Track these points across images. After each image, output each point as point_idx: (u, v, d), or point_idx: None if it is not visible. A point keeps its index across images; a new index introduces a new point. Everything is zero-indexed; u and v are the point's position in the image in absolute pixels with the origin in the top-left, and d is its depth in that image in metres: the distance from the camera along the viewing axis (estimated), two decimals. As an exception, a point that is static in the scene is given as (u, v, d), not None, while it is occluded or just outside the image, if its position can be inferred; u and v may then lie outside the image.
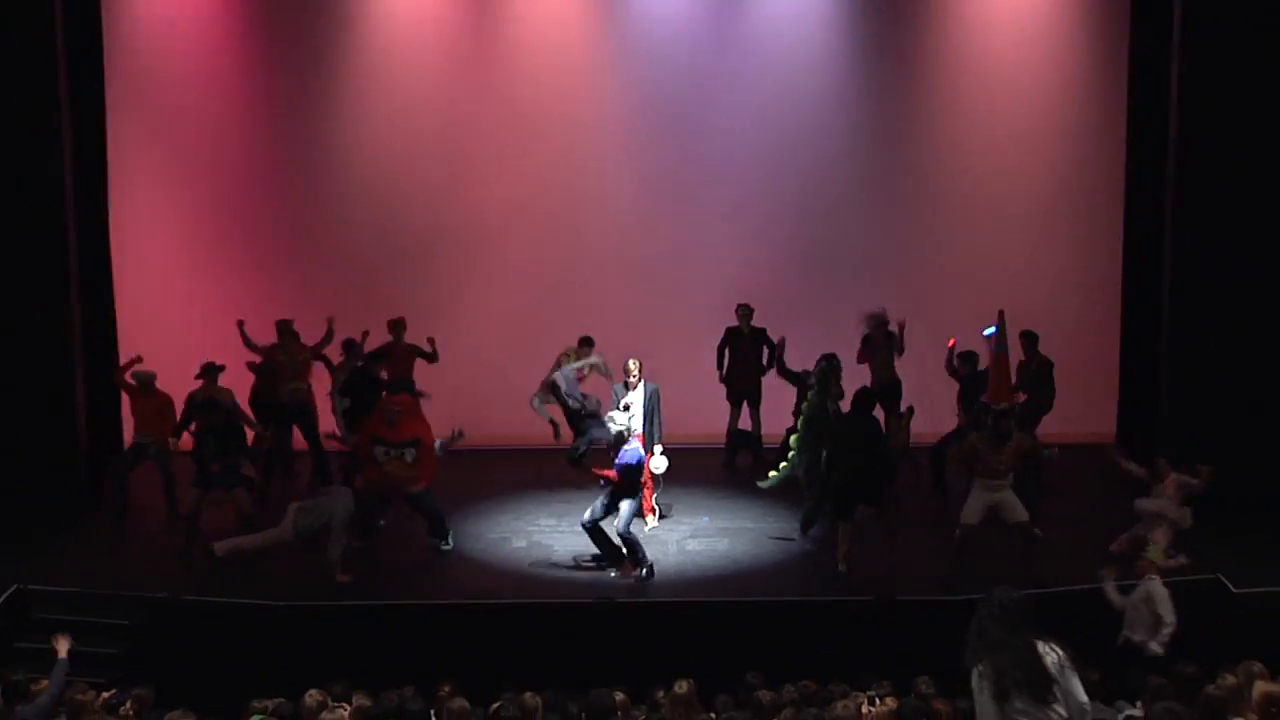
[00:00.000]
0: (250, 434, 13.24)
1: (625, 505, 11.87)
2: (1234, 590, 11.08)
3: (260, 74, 15.59)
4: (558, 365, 12.93)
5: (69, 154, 13.54)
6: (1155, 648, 9.99)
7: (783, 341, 13.46)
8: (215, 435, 12.40)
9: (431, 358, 14.37)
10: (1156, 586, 10.18)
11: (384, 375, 13.90)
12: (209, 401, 12.86)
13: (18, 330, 13.16)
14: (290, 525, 11.89)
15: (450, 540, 12.46)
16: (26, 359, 13.19)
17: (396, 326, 14.40)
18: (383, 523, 12.76)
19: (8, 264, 13.11)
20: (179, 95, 15.47)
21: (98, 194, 14.54)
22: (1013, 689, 6.28)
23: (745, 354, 14.61)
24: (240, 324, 14.10)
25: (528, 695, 8.36)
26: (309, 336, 14.25)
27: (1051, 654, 6.49)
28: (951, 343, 13.57)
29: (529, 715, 7.51)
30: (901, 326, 14.11)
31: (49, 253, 13.39)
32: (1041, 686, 6.37)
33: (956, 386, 13.69)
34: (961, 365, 13.51)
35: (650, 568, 11.93)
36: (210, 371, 13.38)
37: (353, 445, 12.41)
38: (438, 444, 12.36)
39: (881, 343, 14.21)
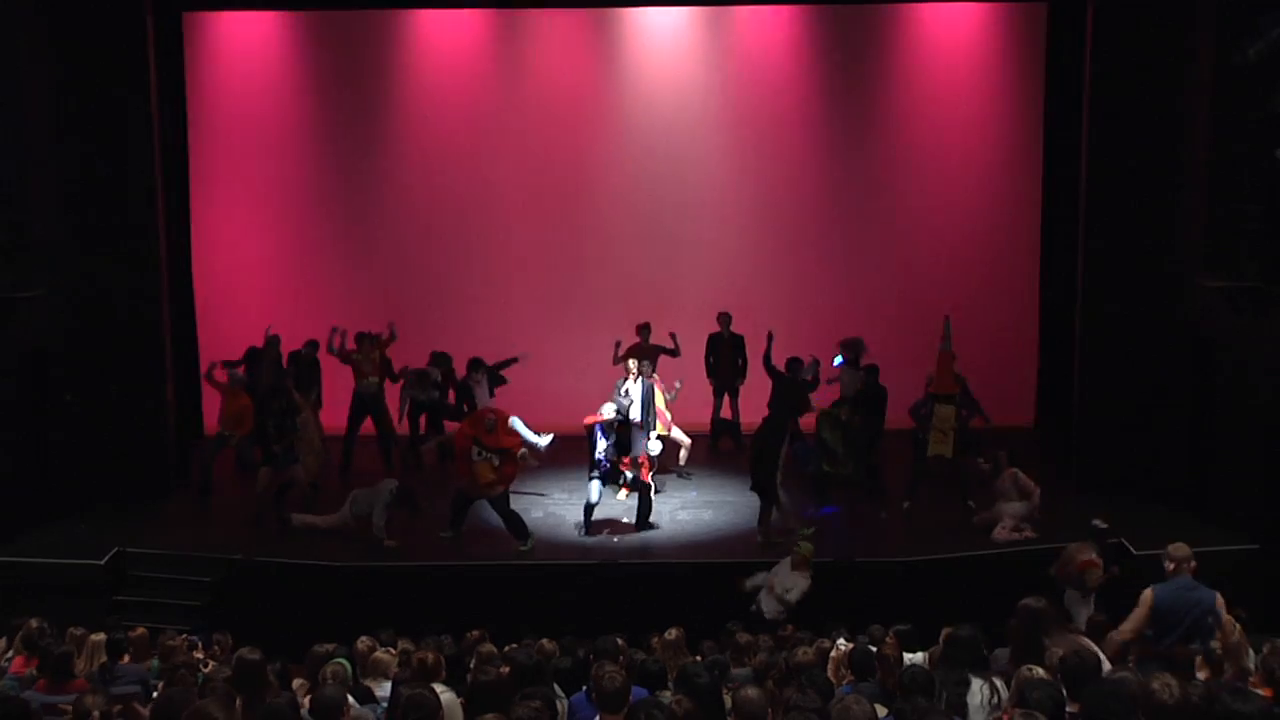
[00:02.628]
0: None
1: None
2: (1135, 552, 11.14)
3: (320, 113, 15.50)
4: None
5: (160, 181, 13.57)
6: (773, 616, 10.35)
7: (770, 336, 13.35)
8: (275, 421, 12.52)
9: (674, 353, 14.09)
10: (799, 578, 10.46)
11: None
12: (276, 390, 12.94)
13: (117, 333, 13.18)
14: (348, 510, 12.03)
15: (529, 543, 11.93)
16: (124, 358, 13.20)
17: (644, 330, 14.19)
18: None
19: (108, 277, 13.13)
20: (250, 128, 15.42)
21: (182, 215, 14.55)
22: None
23: (726, 354, 14.60)
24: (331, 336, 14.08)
25: (544, 640, 8.46)
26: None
27: (983, 691, 6.46)
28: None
29: (546, 657, 7.58)
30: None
31: (143, 267, 13.40)
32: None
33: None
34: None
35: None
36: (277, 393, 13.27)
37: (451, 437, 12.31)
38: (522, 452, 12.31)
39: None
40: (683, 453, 13.74)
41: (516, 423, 12.54)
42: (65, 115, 12.95)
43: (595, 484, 12.16)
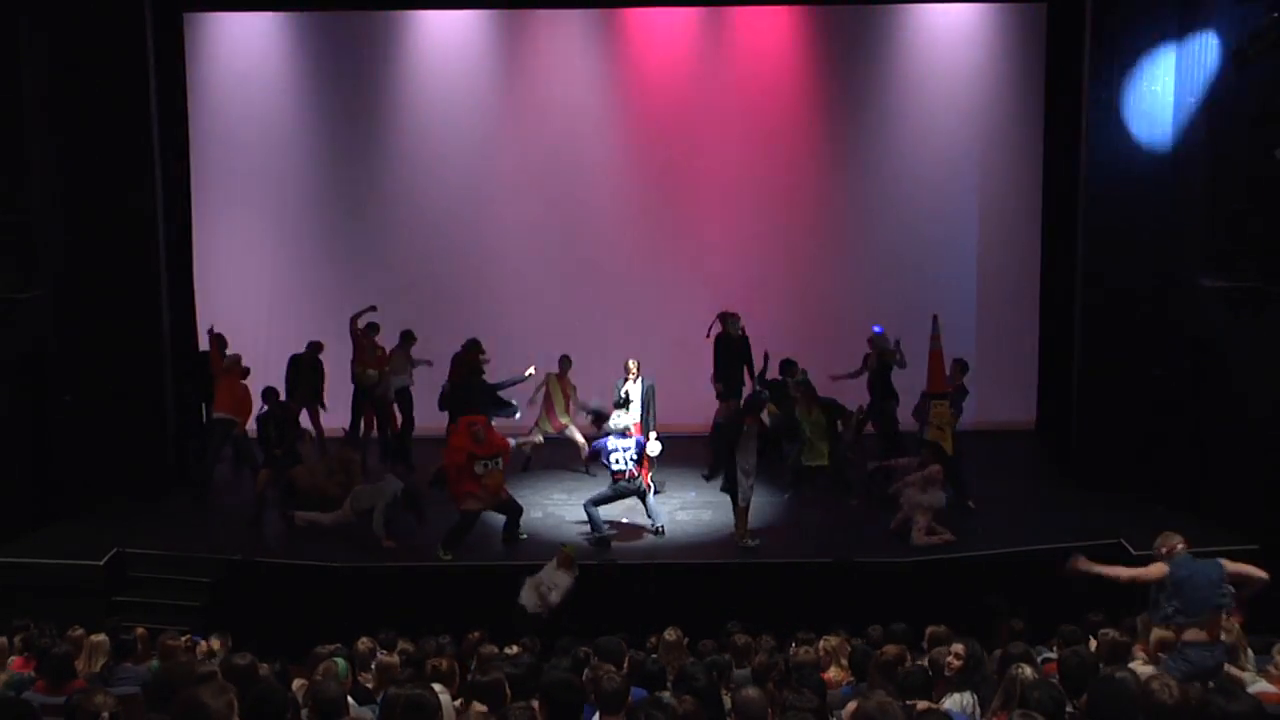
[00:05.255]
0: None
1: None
2: (1133, 552, 11.11)
3: (320, 113, 15.53)
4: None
5: (160, 181, 13.60)
6: (539, 612, 10.28)
7: (765, 356, 13.32)
8: (275, 424, 12.53)
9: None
10: (563, 577, 10.42)
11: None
12: (268, 393, 12.94)
13: (117, 333, 13.20)
14: (349, 508, 12.03)
15: (524, 532, 12.08)
16: (124, 358, 13.23)
17: (564, 362, 13.96)
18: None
19: (108, 277, 13.15)
20: (251, 132, 15.44)
21: (182, 215, 14.58)
22: None
23: (734, 356, 14.45)
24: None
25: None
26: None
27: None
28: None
29: (543, 656, 7.56)
30: (898, 343, 13.64)
31: (143, 271, 13.43)
32: None
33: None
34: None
35: (606, 539, 11.96)
36: (270, 396, 13.22)
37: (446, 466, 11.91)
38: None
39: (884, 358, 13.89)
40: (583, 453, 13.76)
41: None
42: (65, 115, 12.95)
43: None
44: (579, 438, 13.70)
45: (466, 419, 12.01)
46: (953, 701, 6.31)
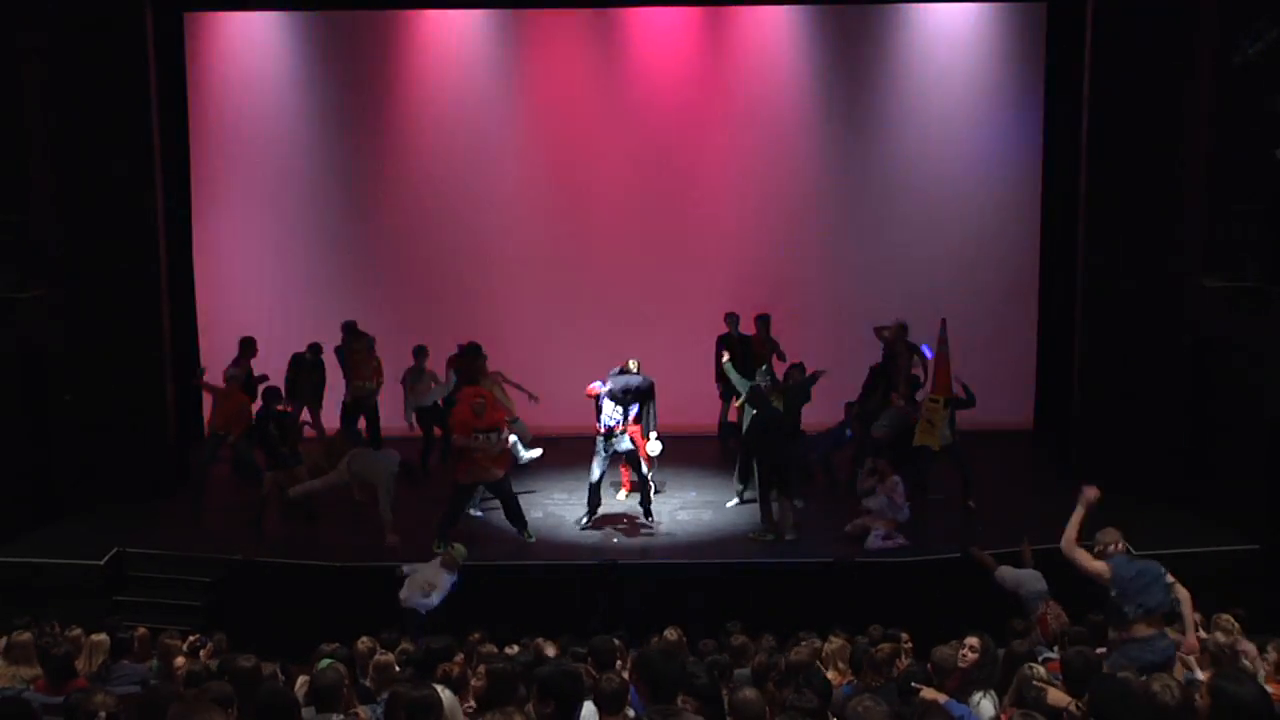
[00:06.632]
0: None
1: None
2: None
3: (321, 113, 15.48)
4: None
5: (160, 181, 13.57)
6: (419, 608, 10.26)
7: (769, 366, 13.26)
8: (274, 423, 12.52)
9: (782, 355, 13.94)
10: (444, 578, 10.36)
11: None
12: (269, 393, 12.92)
13: (117, 333, 13.19)
14: (346, 468, 12.02)
15: (530, 533, 12.02)
16: (125, 362, 13.21)
17: (762, 322, 14.02)
18: (480, 514, 12.58)
19: (108, 277, 13.14)
20: (252, 132, 15.43)
21: (182, 215, 14.59)
22: None
23: (733, 356, 14.46)
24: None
25: (540, 640, 8.44)
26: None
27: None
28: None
29: (543, 657, 7.55)
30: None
31: (143, 268, 13.41)
32: None
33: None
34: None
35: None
36: (271, 396, 13.09)
37: (453, 438, 12.03)
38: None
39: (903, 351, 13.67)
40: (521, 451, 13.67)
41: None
42: (65, 115, 12.94)
43: (597, 461, 12.14)
44: (511, 437, 13.51)
45: (471, 390, 12.04)
46: (978, 698, 6.33)
